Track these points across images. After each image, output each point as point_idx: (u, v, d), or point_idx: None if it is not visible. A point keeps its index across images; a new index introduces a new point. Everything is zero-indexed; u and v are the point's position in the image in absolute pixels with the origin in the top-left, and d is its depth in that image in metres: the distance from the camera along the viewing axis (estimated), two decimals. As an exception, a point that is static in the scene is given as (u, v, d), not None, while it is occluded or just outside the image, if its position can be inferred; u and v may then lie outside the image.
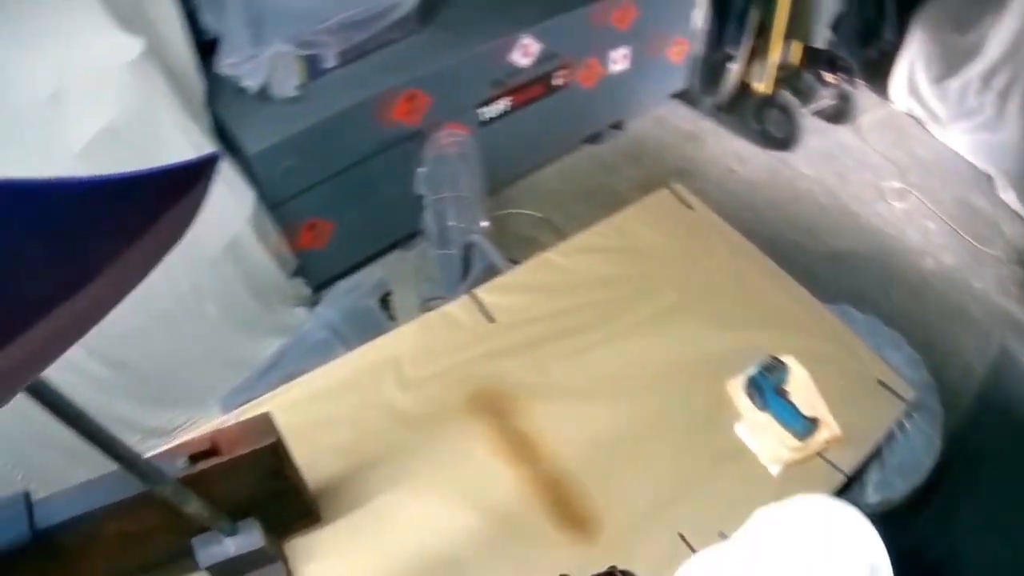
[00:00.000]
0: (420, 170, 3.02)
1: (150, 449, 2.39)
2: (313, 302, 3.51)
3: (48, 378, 1.15)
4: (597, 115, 4.55)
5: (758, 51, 4.63)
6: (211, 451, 1.62)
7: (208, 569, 1.71)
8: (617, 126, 4.72)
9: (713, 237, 2.44)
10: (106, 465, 1.86)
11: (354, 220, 3.46)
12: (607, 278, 2.27)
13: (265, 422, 1.63)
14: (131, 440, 3.20)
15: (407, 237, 3.75)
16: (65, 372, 2.78)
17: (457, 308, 2.17)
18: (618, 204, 2.51)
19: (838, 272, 3.91)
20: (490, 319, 2.13)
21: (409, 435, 1.90)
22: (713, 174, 4.57)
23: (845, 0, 4.71)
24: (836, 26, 4.66)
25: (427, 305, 2.65)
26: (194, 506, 1.59)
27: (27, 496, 1.68)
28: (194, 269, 2.90)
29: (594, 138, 4.63)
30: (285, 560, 1.78)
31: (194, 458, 1.61)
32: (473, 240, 2.57)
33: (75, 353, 2.76)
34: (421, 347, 2.07)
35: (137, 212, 0.98)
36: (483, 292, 2.19)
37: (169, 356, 3.09)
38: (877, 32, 5.00)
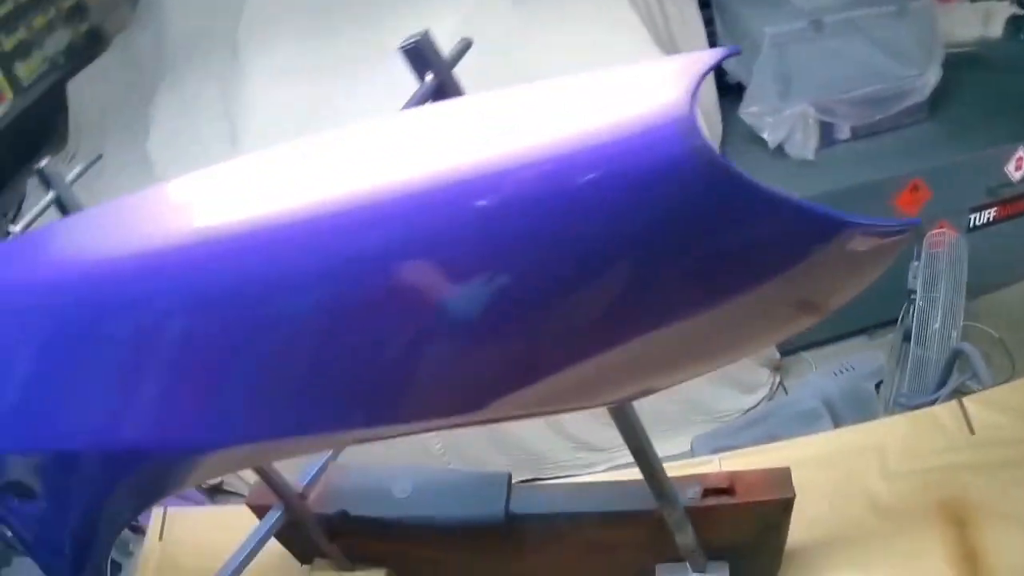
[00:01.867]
0: (914, 263, 3.10)
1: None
2: (775, 366, 3.65)
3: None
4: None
5: None
6: (726, 490, 1.74)
7: None
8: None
9: None
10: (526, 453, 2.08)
11: None
12: None
13: (785, 476, 1.74)
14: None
15: (875, 326, 3.81)
16: None
17: (943, 411, 2.27)
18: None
19: None
20: (971, 431, 2.22)
21: (880, 523, 2.03)
22: None
23: None
24: None
25: (898, 402, 2.74)
26: (685, 537, 1.72)
27: (509, 478, 1.91)
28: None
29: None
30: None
31: (707, 492, 1.75)
32: (964, 348, 2.66)
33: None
34: (905, 443, 2.19)
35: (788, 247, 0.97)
36: (969, 402, 2.27)
37: None
38: None
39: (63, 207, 1.58)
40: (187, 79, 3.82)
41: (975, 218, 3.72)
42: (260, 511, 2.00)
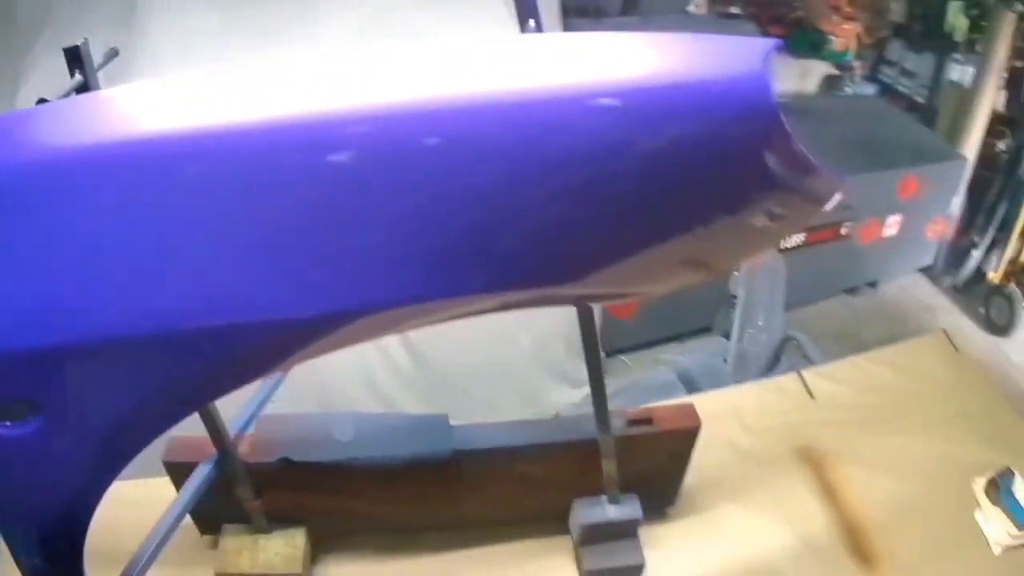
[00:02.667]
0: (735, 273, 3.55)
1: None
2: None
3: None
4: (864, 270, 5.06)
5: (998, 244, 5.10)
6: (646, 421, 2.02)
7: (583, 528, 2.05)
8: (872, 284, 5.23)
9: (972, 373, 2.97)
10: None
11: (660, 303, 3.94)
12: (896, 386, 2.78)
13: (691, 410, 2.06)
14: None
15: (696, 331, 4.16)
16: (369, 349, 3.17)
17: (786, 381, 2.72)
18: (860, 351, 3.04)
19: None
20: (811, 396, 2.66)
21: (746, 465, 2.41)
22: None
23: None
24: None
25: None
26: (610, 465, 1.96)
27: (448, 419, 2.02)
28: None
29: (852, 290, 5.15)
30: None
31: (631, 423, 2.00)
32: (795, 335, 3.12)
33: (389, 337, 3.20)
34: (758, 404, 2.61)
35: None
36: (807, 374, 2.73)
37: (470, 369, 3.41)
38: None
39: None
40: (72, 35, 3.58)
41: (785, 242, 4.25)
42: (179, 470, 1.89)
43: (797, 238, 4.32)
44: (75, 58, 1.37)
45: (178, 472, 1.88)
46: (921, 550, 2.24)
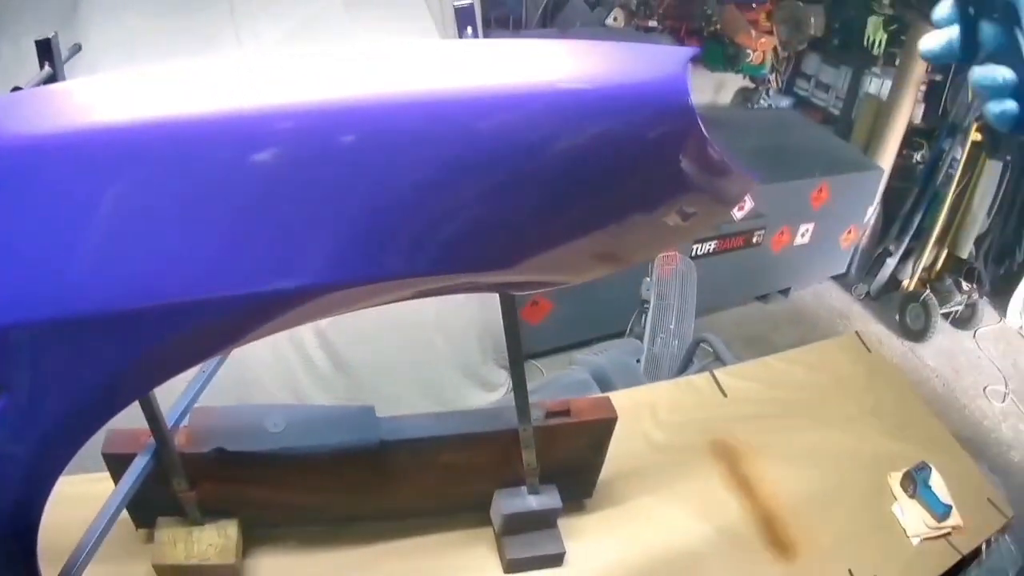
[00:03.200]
0: (646, 279, 3.68)
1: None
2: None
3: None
4: (776, 277, 5.23)
5: (912, 252, 5.30)
6: (564, 412, 2.08)
7: (504, 517, 2.10)
8: (784, 291, 5.39)
9: (885, 372, 3.12)
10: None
11: (572, 308, 4.07)
12: (809, 384, 2.91)
13: (608, 402, 2.15)
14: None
15: (610, 335, 4.29)
16: (288, 350, 3.32)
17: (698, 379, 2.82)
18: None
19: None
20: (724, 394, 2.76)
21: (661, 458, 2.50)
22: (853, 349, 5.25)
23: (991, 219, 5.36)
24: (979, 241, 5.34)
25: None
26: (529, 456, 2.03)
27: (374, 410, 2.06)
28: (445, 299, 3.22)
29: (764, 297, 5.31)
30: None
31: (549, 414, 2.07)
32: (707, 337, 3.22)
33: (307, 337, 3.27)
34: (671, 401, 2.70)
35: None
36: (719, 373, 2.83)
37: (386, 371, 3.48)
38: (1012, 253, 5.66)
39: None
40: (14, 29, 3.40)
41: (697, 248, 4.38)
42: (117, 461, 1.90)
43: (709, 244, 4.44)
44: (46, 50, 1.41)
45: (117, 464, 1.89)
46: (836, 539, 2.35)
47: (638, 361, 3.31)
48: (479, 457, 2.10)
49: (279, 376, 3.31)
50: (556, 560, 2.15)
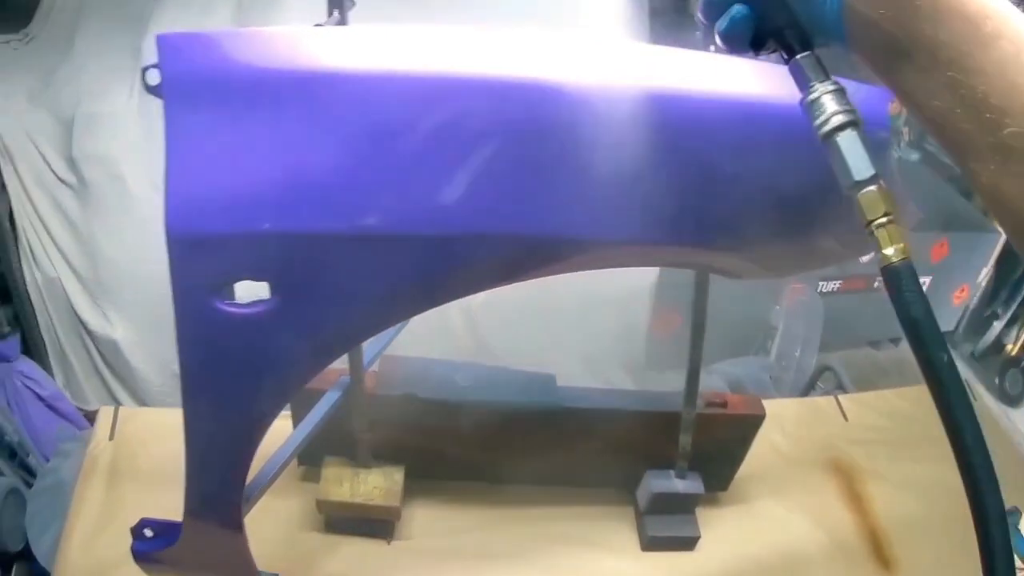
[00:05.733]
0: (776, 307, 3.85)
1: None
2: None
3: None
4: (889, 325, 5.30)
5: (1019, 318, 5.39)
6: (722, 404, 2.26)
7: (652, 496, 2.26)
8: (895, 340, 5.50)
9: (988, 422, 3.24)
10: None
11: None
12: (923, 420, 2.94)
13: (758, 401, 2.32)
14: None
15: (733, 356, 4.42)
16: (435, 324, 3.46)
17: (822, 401, 3.04)
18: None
19: None
20: (845, 418, 2.96)
21: (784, 466, 2.71)
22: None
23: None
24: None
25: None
26: (685, 440, 2.19)
27: (555, 378, 2.21)
28: (584, 300, 3.46)
29: (875, 343, 5.42)
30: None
31: (708, 403, 2.23)
32: (832, 365, 3.41)
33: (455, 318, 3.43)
34: (797, 416, 2.91)
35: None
36: (842, 399, 3.04)
37: (522, 356, 3.57)
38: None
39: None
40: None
41: (823, 285, 4.51)
42: (301, 395, 2.00)
43: (834, 283, 4.57)
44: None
45: (299, 399, 2.03)
46: (937, 562, 2.49)
47: (771, 378, 3.50)
48: (639, 435, 2.25)
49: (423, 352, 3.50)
50: (690, 544, 2.33)
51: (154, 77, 1.21)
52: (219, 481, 1.54)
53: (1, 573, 2.86)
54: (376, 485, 2.20)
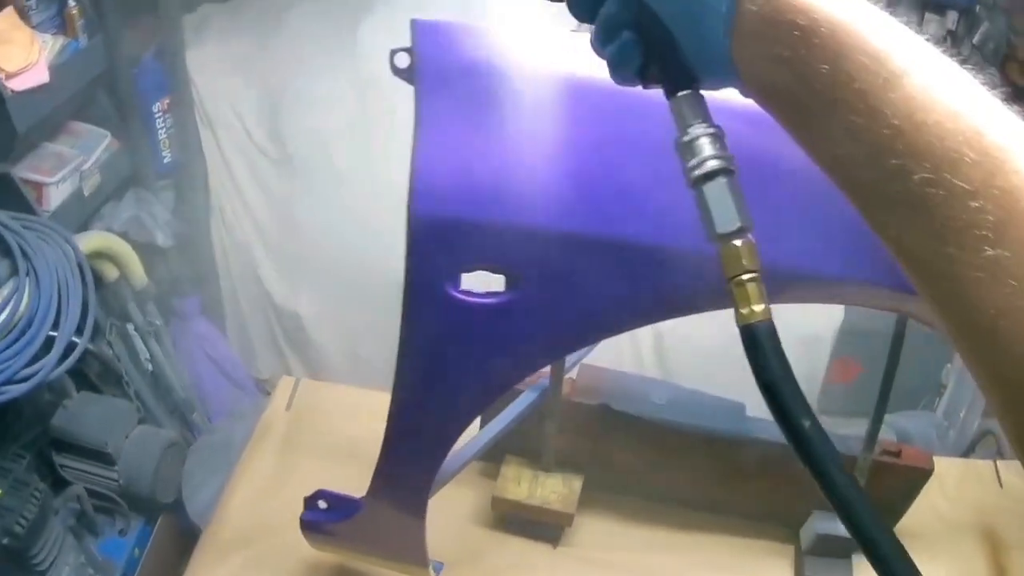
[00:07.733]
0: (948, 365, 3.82)
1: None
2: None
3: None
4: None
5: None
6: (895, 453, 2.25)
7: (817, 536, 2.29)
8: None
9: None
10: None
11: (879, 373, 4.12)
12: None
13: (929, 456, 2.31)
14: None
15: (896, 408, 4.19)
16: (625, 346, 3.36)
17: (981, 464, 3.05)
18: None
19: None
20: (1000, 484, 2.95)
21: (938, 524, 2.71)
22: None
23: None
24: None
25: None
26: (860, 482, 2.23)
27: (744, 407, 2.20)
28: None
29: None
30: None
31: (883, 452, 2.22)
32: (993, 430, 3.38)
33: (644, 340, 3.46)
34: (957, 477, 2.90)
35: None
36: (999, 464, 3.02)
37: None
38: None
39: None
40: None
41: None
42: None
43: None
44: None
45: None
46: None
47: (937, 436, 3.51)
48: (807, 475, 2.29)
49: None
50: (846, 588, 2.33)
51: (403, 60, 1.26)
52: (415, 466, 1.60)
53: (144, 523, 2.85)
54: (554, 490, 2.26)
